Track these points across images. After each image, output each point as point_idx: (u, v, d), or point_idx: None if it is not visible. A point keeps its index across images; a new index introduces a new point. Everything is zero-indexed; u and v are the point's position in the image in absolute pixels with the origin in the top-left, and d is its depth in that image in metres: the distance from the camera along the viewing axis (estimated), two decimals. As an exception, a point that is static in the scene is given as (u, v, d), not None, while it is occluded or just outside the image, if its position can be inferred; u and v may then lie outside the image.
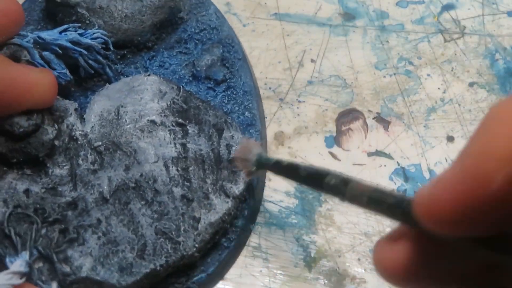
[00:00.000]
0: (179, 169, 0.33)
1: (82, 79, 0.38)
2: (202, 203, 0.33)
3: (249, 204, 0.36)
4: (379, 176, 0.39)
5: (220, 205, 0.34)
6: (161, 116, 0.34)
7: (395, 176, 0.39)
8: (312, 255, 0.36)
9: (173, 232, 0.32)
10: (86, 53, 0.36)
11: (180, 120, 0.34)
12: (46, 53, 0.35)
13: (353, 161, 0.39)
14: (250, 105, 0.39)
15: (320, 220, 0.37)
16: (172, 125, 0.34)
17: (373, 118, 0.41)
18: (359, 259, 0.36)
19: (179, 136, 0.34)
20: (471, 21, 0.45)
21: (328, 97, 0.42)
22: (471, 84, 0.42)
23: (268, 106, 0.41)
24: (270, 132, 0.41)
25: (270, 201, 0.38)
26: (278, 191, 0.38)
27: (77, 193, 0.33)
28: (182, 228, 0.32)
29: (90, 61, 0.37)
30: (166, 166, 0.33)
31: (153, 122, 0.34)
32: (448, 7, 0.46)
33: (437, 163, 0.39)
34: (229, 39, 0.41)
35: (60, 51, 0.35)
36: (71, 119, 0.35)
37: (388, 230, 0.37)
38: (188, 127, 0.34)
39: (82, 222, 0.32)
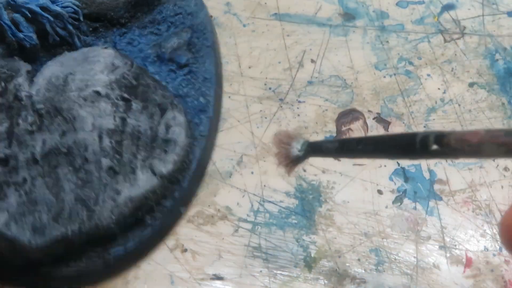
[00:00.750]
0: (112, 141, 0.34)
1: (51, 46, 0.39)
2: (127, 177, 0.33)
3: (181, 186, 0.36)
4: (379, 176, 0.39)
5: (145, 181, 0.34)
6: (107, 88, 0.35)
7: (395, 176, 0.39)
8: (312, 255, 0.36)
9: (91, 200, 0.32)
10: (53, 20, 0.37)
11: (125, 95, 0.35)
12: (16, 16, 0.36)
13: (353, 161, 0.39)
14: (207, 92, 0.39)
15: (320, 220, 0.37)
16: (117, 99, 0.35)
17: (373, 119, 0.41)
18: (359, 260, 0.36)
19: (121, 110, 0.35)
20: (471, 21, 0.45)
21: (328, 97, 0.42)
22: (471, 84, 0.42)
23: (268, 106, 0.41)
24: (270, 132, 0.40)
25: (270, 201, 0.38)
26: (278, 191, 0.38)
27: (10, 150, 0.33)
28: (100, 198, 0.32)
29: (57, 29, 0.38)
30: (100, 136, 0.34)
31: (97, 93, 0.35)
32: (448, 7, 0.46)
33: (437, 163, 0.39)
34: (202, 26, 0.41)
35: (29, 15, 0.36)
36: (20, 80, 0.35)
37: (388, 230, 0.37)
38: (132, 102, 0.35)
39: (8, 179, 0.33)
